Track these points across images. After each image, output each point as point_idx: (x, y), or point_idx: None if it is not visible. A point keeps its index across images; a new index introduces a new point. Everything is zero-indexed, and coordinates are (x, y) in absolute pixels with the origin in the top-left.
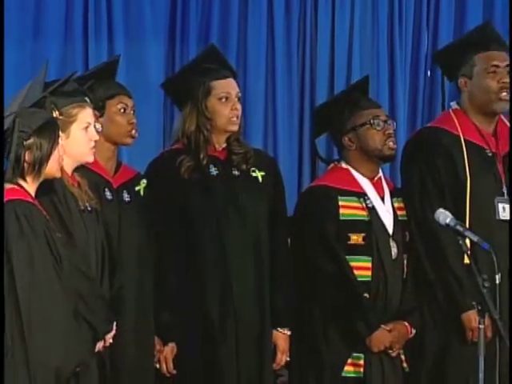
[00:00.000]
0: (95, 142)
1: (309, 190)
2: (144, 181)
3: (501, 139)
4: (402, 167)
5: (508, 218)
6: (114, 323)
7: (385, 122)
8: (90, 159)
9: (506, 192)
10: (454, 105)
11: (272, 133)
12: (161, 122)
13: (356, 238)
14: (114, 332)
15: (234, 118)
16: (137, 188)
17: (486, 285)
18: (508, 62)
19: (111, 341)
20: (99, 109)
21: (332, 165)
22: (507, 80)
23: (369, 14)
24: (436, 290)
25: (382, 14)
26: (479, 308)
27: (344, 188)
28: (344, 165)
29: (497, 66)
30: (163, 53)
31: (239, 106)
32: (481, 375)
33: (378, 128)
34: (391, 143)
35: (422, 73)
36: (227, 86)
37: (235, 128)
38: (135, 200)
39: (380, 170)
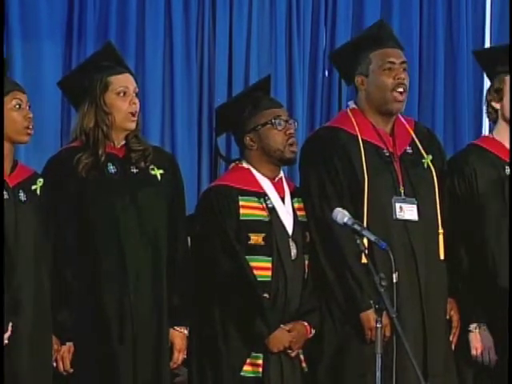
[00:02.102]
0: None
1: (209, 190)
2: (40, 180)
3: (398, 138)
4: (300, 167)
5: (406, 217)
6: (10, 324)
7: (286, 121)
8: None
9: (403, 192)
10: (351, 104)
11: (170, 131)
12: (58, 122)
13: (256, 238)
14: (9, 333)
15: (133, 114)
16: (33, 187)
17: (384, 284)
18: (403, 59)
19: (7, 341)
20: None
21: (233, 164)
22: (403, 76)
23: (267, 12)
24: (335, 289)
25: (280, 14)
26: (377, 307)
27: (244, 188)
28: (245, 165)
29: (392, 63)
30: (60, 52)
31: (137, 101)
32: (378, 373)
33: (280, 128)
34: (292, 146)
35: (321, 72)
36: (125, 81)
37: (133, 126)
38: (32, 199)
39: (281, 171)
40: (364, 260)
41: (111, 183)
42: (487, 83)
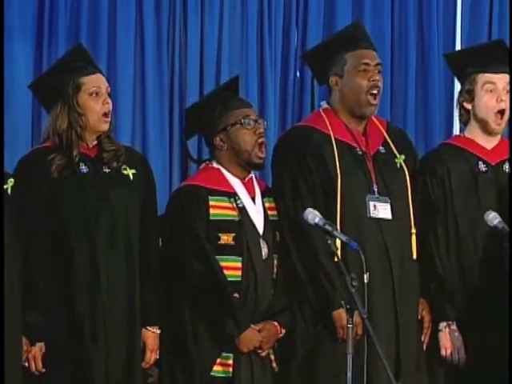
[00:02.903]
0: None
1: (179, 190)
2: (11, 180)
3: (370, 138)
4: (272, 166)
5: (380, 216)
6: None
7: (255, 121)
8: None
9: (376, 190)
10: (324, 104)
11: (141, 132)
12: (29, 123)
13: (226, 238)
14: None
15: (106, 114)
16: (4, 186)
17: (355, 284)
18: (378, 61)
19: None
20: None
21: (203, 164)
22: (377, 78)
23: (238, 12)
24: (307, 289)
25: (251, 14)
26: (348, 307)
27: (214, 188)
28: (215, 165)
29: (367, 65)
30: (31, 53)
31: (110, 101)
32: (349, 374)
33: (249, 127)
34: (260, 152)
35: (292, 72)
36: (97, 81)
37: (106, 127)
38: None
39: (251, 171)
40: (336, 260)
41: (83, 183)
42: (458, 85)
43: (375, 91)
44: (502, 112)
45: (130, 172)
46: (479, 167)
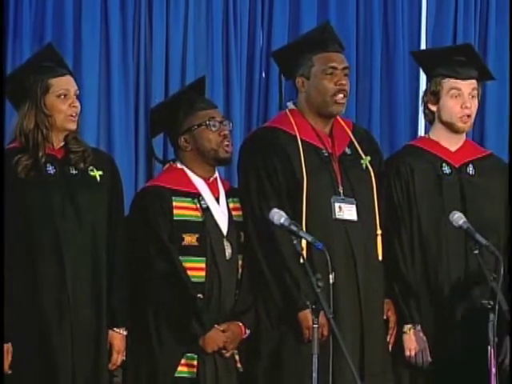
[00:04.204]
0: None
1: (143, 191)
2: None
3: (336, 140)
4: (238, 167)
5: (345, 217)
6: None
7: (220, 122)
8: None
9: (342, 192)
10: (290, 105)
11: (106, 132)
12: None
13: (190, 239)
14: None
15: (73, 115)
16: None
17: (320, 284)
18: (346, 65)
19: None
20: None
21: (167, 165)
22: (344, 82)
23: (203, 13)
24: (272, 289)
25: (217, 14)
26: (313, 307)
27: (178, 188)
28: (179, 165)
29: (334, 68)
30: None
31: (78, 103)
32: (314, 374)
33: (214, 129)
34: (227, 146)
35: (258, 73)
36: (66, 83)
37: (73, 126)
38: None
39: (216, 171)
40: (301, 260)
41: (50, 184)
42: (423, 84)
43: (341, 95)
44: (467, 115)
45: (97, 173)
46: (443, 169)
